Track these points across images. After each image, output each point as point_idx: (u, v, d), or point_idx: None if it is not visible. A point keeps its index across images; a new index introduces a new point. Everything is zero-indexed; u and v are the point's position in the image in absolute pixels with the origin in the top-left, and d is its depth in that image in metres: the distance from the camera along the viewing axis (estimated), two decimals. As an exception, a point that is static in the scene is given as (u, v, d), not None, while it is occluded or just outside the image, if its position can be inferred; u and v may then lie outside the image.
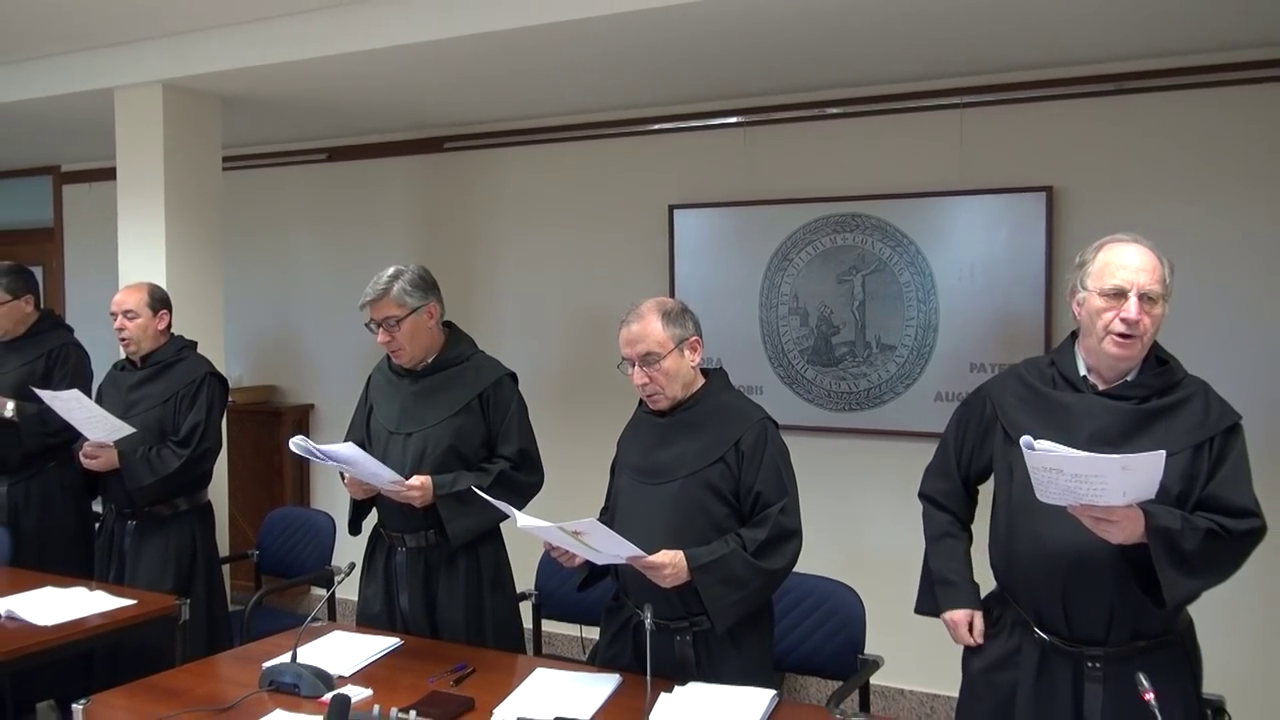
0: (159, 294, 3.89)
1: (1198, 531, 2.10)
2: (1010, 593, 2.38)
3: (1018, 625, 2.35)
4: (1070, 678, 2.25)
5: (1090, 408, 2.25)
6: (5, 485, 4.13)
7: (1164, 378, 2.25)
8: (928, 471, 2.62)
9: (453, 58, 4.03)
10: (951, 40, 3.79)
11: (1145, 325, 2.17)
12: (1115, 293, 2.18)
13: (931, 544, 2.55)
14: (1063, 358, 2.36)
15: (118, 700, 2.50)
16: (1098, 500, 2.02)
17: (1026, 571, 2.30)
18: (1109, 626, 2.21)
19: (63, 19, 4.12)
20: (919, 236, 4.41)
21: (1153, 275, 2.18)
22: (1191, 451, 2.20)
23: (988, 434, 2.44)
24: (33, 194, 7.19)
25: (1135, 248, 2.23)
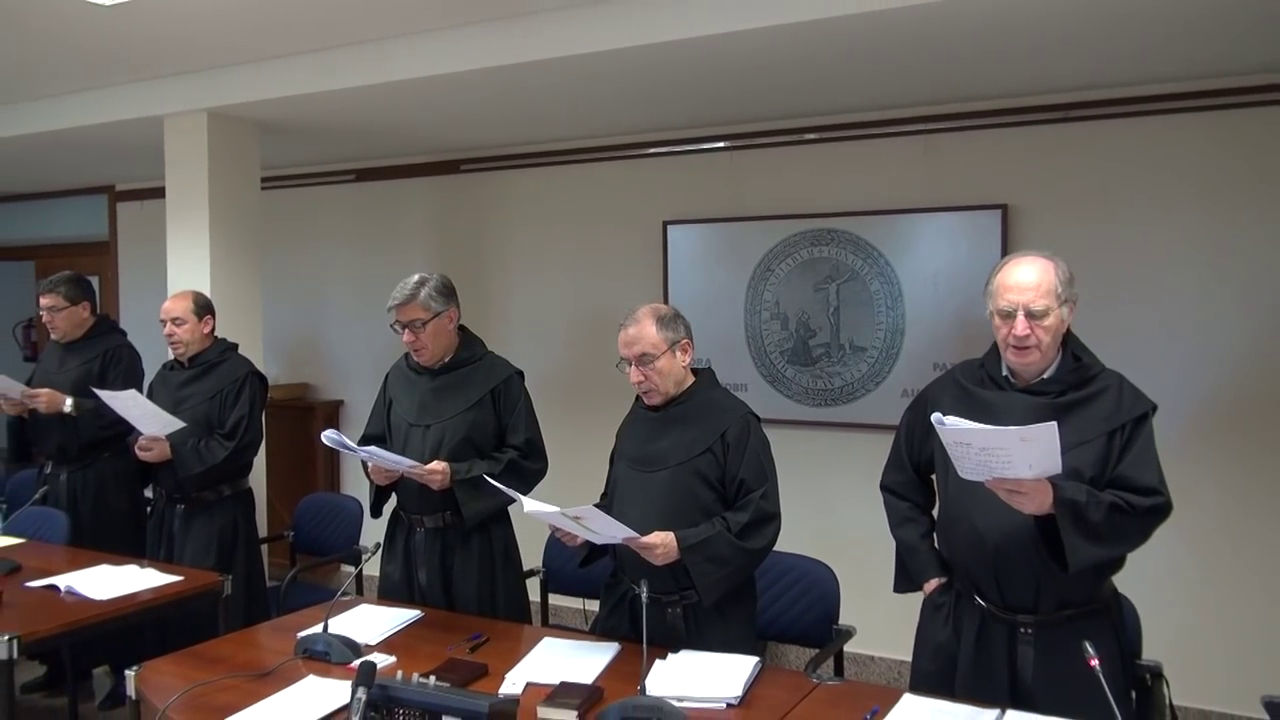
0: (202, 300, 3.89)
1: (1102, 505, 2.13)
2: (954, 568, 2.41)
3: (961, 595, 2.38)
4: (1005, 641, 2.28)
5: (1012, 403, 2.28)
6: (65, 473, 4.11)
7: (1078, 373, 2.28)
8: (886, 466, 2.63)
9: (468, 88, 4.03)
10: (917, 73, 3.80)
11: (1038, 336, 2.21)
12: (1006, 313, 2.23)
13: (896, 528, 2.56)
14: (989, 360, 2.40)
15: (166, 667, 2.49)
16: (1007, 473, 2.06)
17: (964, 551, 2.33)
18: (1037, 597, 2.24)
19: (118, 53, 4.11)
20: (887, 249, 4.41)
21: (1038, 292, 2.20)
22: (1105, 438, 2.22)
23: (930, 431, 2.45)
24: (90, 211, 7.17)
25: (1025, 267, 2.25)
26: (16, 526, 3.78)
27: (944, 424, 2.06)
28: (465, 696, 2.07)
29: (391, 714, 2.06)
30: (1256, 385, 3.83)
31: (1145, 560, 3.95)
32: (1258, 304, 3.82)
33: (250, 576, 3.84)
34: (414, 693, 2.06)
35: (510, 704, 2.10)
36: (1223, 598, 3.87)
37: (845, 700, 2.25)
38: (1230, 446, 3.87)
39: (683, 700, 2.16)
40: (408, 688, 2.08)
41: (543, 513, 2.45)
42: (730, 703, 2.20)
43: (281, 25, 3.72)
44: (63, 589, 3.09)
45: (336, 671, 2.40)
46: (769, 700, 2.24)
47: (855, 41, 3.37)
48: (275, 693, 2.27)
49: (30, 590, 3.10)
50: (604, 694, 2.23)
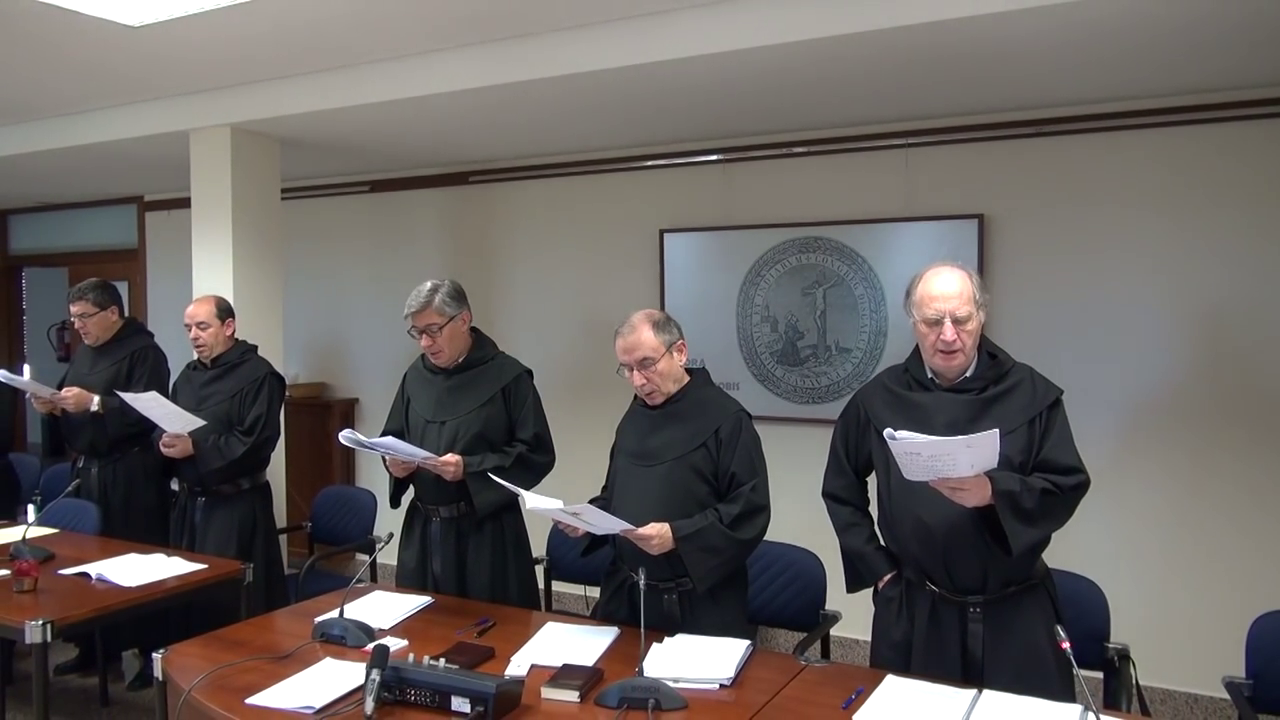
0: (224, 304, 3.88)
1: (1034, 491, 2.17)
2: (903, 559, 2.41)
3: (912, 584, 2.39)
4: (957, 620, 2.30)
5: (940, 402, 2.31)
6: (95, 467, 4.10)
7: (995, 369, 2.31)
8: (826, 473, 2.61)
9: (477, 105, 4.02)
10: (898, 91, 3.80)
11: (962, 339, 2.24)
12: (932, 321, 2.25)
13: (842, 534, 2.54)
14: (914, 365, 2.42)
15: (191, 650, 2.48)
16: (951, 474, 2.09)
17: (912, 543, 2.33)
18: (984, 579, 2.27)
19: (147, 72, 4.11)
20: (871, 256, 4.41)
21: (961, 299, 2.24)
22: (1026, 427, 2.26)
23: (864, 434, 2.49)
24: (120, 220, 7.16)
25: (946, 277, 2.28)
26: (50, 518, 3.77)
27: (895, 438, 2.08)
28: (473, 678, 2.07)
29: (404, 694, 2.06)
30: (1215, 382, 3.83)
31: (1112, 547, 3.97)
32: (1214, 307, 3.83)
33: (269, 565, 3.83)
34: (425, 674, 2.07)
35: (516, 685, 2.10)
36: (1186, 582, 3.87)
37: (832, 681, 2.25)
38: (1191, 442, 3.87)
39: (678, 681, 2.16)
40: (419, 669, 2.08)
41: (545, 509, 2.44)
42: (723, 683, 2.19)
43: (301, 46, 3.72)
44: (94, 576, 3.09)
45: (352, 654, 2.39)
46: (760, 681, 2.24)
47: (840, 61, 3.37)
48: (294, 674, 2.26)
49: (63, 577, 3.10)
50: (604, 675, 2.22)
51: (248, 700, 2.11)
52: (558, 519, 2.55)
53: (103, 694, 3.96)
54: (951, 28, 2.98)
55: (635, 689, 2.07)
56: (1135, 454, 3.95)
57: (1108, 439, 3.94)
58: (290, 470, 4.87)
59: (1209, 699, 3.82)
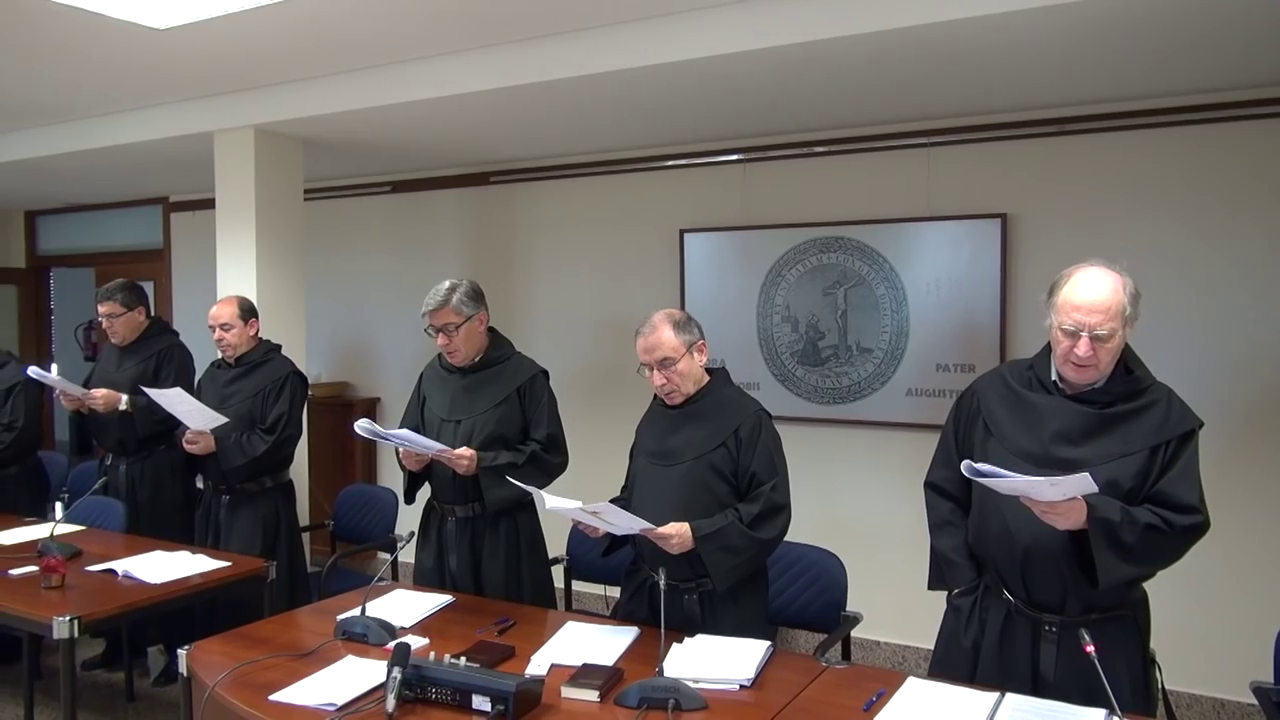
0: (247, 305, 3.91)
1: (1137, 524, 2.02)
2: (983, 561, 2.33)
3: (989, 588, 2.31)
4: (1029, 637, 2.21)
5: (1057, 409, 2.18)
6: (123, 465, 4.14)
7: (1129, 385, 2.16)
8: (933, 462, 2.49)
9: (497, 105, 4.03)
10: (920, 90, 3.77)
11: (1099, 357, 2.07)
12: (1070, 332, 2.08)
13: (934, 531, 2.44)
14: (1040, 363, 2.28)
15: (215, 646, 2.50)
16: (1039, 498, 1.99)
17: (994, 546, 2.25)
18: (1063, 599, 2.16)
19: (173, 74, 4.14)
20: (892, 256, 4.38)
21: (1105, 315, 2.04)
22: (1148, 452, 2.10)
23: (974, 425, 2.36)
24: (146, 220, 7.22)
25: (1095, 283, 2.08)
26: (78, 515, 3.80)
27: (978, 474, 1.96)
28: (494, 676, 2.08)
29: (425, 692, 2.07)
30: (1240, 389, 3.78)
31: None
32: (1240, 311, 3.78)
33: (292, 562, 3.86)
34: (446, 672, 2.07)
35: (536, 684, 2.11)
36: (1212, 587, 3.82)
37: (852, 683, 2.24)
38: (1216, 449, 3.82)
39: (698, 681, 2.15)
40: (440, 668, 2.09)
41: (564, 508, 2.44)
42: (743, 684, 2.19)
43: (324, 48, 3.74)
44: (120, 573, 3.12)
45: (374, 652, 2.40)
46: (780, 682, 2.23)
47: (861, 60, 3.35)
48: (316, 672, 2.27)
49: (90, 574, 3.13)
50: (624, 675, 2.22)
51: (271, 697, 2.13)
52: (577, 519, 2.55)
53: (129, 689, 4.01)
54: (972, 25, 2.95)
55: (655, 689, 2.07)
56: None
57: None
58: (313, 469, 4.90)
59: (1236, 704, 3.77)
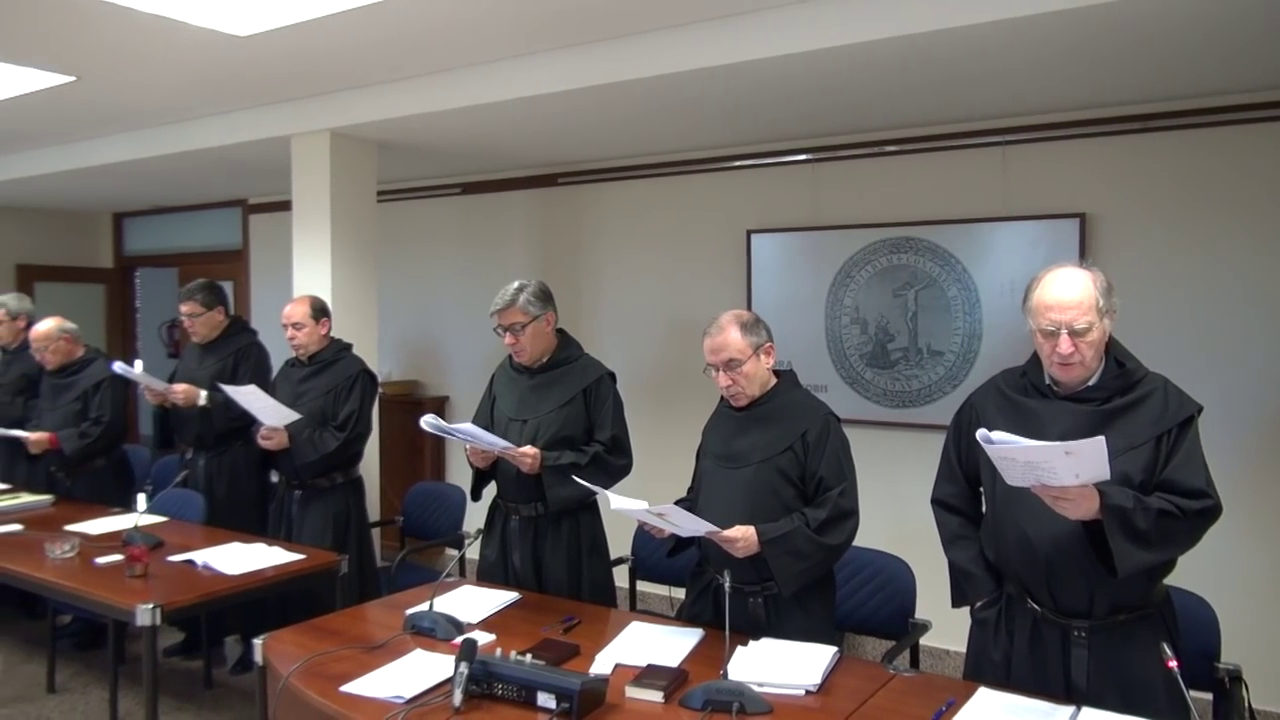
0: (319, 304, 3.99)
1: (1150, 511, 2.01)
2: (1004, 573, 2.30)
3: (1013, 599, 2.27)
4: (1059, 644, 2.18)
5: (1057, 411, 2.17)
6: (202, 460, 4.27)
7: (1123, 379, 2.15)
8: (937, 478, 2.50)
9: (566, 107, 4.06)
10: (994, 86, 3.69)
11: (1081, 352, 2.09)
12: (1048, 332, 2.11)
13: (948, 546, 2.43)
14: (1032, 369, 2.27)
15: (289, 637, 2.56)
16: (1052, 481, 1.96)
17: (1015, 557, 2.22)
18: (1090, 602, 2.14)
19: (252, 80, 4.26)
20: (965, 257, 4.30)
21: (1080, 310, 2.07)
22: (1153, 442, 2.09)
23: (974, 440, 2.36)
24: (226, 222, 7.44)
25: (1064, 282, 2.11)
26: (160, 507, 3.93)
27: (990, 442, 1.96)
28: (559, 674, 2.09)
29: (491, 687, 2.09)
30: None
31: (1224, 563, 3.78)
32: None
33: (362, 557, 3.93)
34: (512, 669, 2.09)
35: (600, 683, 2.12)
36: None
37: (921, 691, 2.20)
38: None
39: (763, 686, 2.14)
40: (506, 664, 2.11)
41: (630, 510, 2.45)
42: (809, 690, 2.16)
43: (397, 52, 3.81)
44: (199, 564, 3.22)
45: (441, 647, 2.44)
46: (846, 689, 2.20)
47: (932, 58, 3.29)
48: (385, 664, 2.31)
49: (171, 564, 3.24)
50: (688, 677, 2.22)
51: (342, 688, 2.17)
52: (643, 519, 2.55)
53: (206, 677, 4.13)
54: (1049, 21, 2.88)
55: (720, 691, 2.06)
56: (1247, 468, 3.75)
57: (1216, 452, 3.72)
58: (383, 465, 4.99)
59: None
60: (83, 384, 4.52)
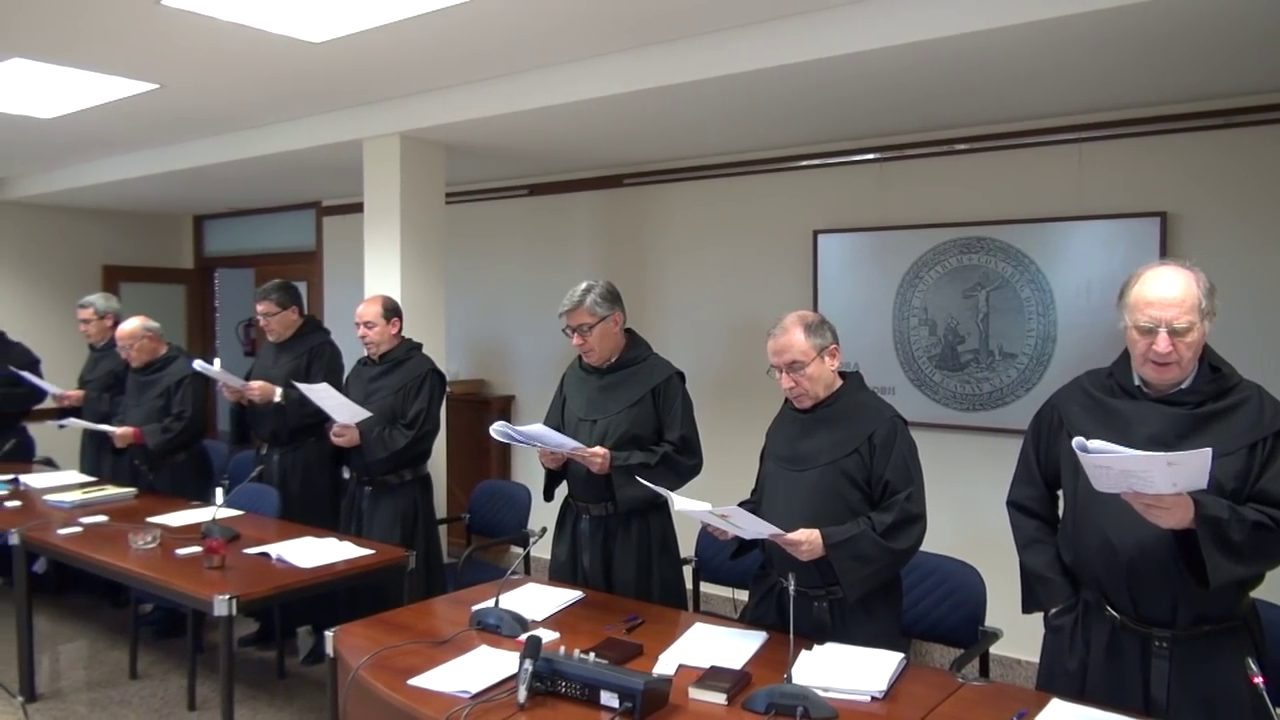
0: (390, 304, 4.07)
1: (1245, 522, 1.93)
2: (1082, 577, 2.23)
3: (1091, 606, 2.20)
4: (1138, 654, 2.10)
5: (1145, 413, 2.09)
6: (276, 455, 4.39)
7: (1218, 383, 2.07)
8: (1014, 480, 2.44)
9: (632, 108, 4.08)
10: (1070, 82, 3.60)
11: (1179, 352, 2.02)
12: (1146, 329, 2.03)
13: (1022, 550, 2.37)
14: (1120, 370, 2.20)
15: (358, 630, 2.61)
16: (1147, 490, 1.89)
17: (1094, 561, 2.15)
18: (1174, 611, 2.06)
19: (326, 85, 4.37)
20: (1039, 257, 4.20)
21: (1182, 308, 2.00)
22: (1245, 451, 2.02)
23: (1057, 439, 2.29)
24: (300, 224, 7.62)
25: (1167, 279, 2.04)
26: (236, 500, 4.05)
27: (1087, 450, 1.88)
28: (622, 674, 2.10)
29: (555, 685, 2.11)
30: None
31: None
32: None
33: (429, 553, 4.00)
34: (576, 667, 2.11)
35: (663, 683, 2.12)
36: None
37: (991, 701, 2.15)
38: None
39: (828, 691, 2.12)
40: (570, 662, 2.12)
41: (693, 511, 2.44)
42: (875, 696, 2.14)
43: (465, 56, 3.87)
44: (274, 557, 3.30)
45: (506, 643, 2.47)
46: (913, 696, 2.17)
47: (1005, 54, 3.22)
48: (451, 659, 2.35)
49: (247, 556, 3.33)
50: (752, 679, 2.21)
51: (409, 681, 2.22)
52: (706, 521, 2.55)
53: (280, 667, 4.24)
54: (1131, 13, 2.80)
55: (784, 695, 2.05)
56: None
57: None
58: (450, 463, 5.06)
59: None
60: (165, 381, 4.68)
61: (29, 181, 6.93)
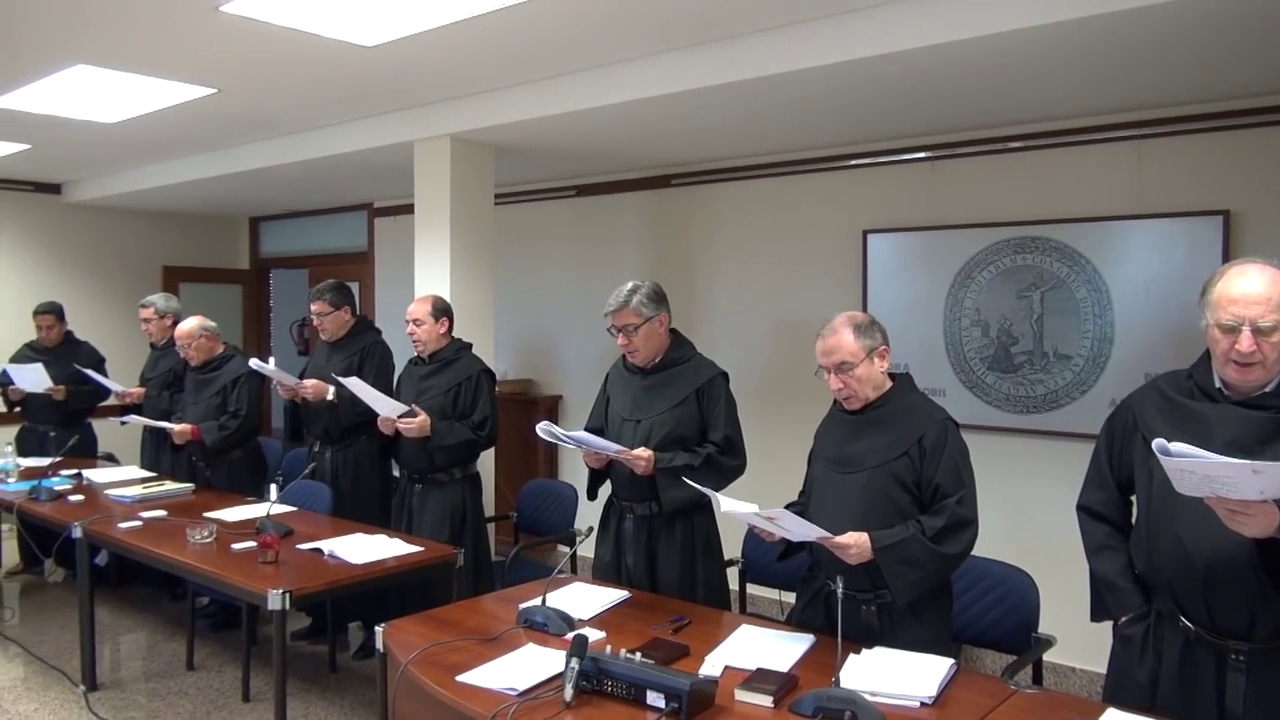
0: (440, 304, 4.11)
1: None
2: (1154, 587, 2.15)
3: (1163, 616, 2.13)
4: (1213, 667, 2.03)
5: (1226, 416, 2.01)
6: (329, 452, 4.46)
7: None
8: (1085, 484, 2.37)
9: (680, 108, 4.07)
10: (1128, 78, 3.52)
11: (1264, 352, 1.94)
12: (1229, 327, 1.96)
13: (1092, 556, 2.31)
14: (1199, 371, 2.12)
15: (408, 626, 2.64)
16: (1232, 495, 1.81)
17: (1168, 568, 2.08)
18: (1251, 623, 1.98)
19: (377, 88, 4.43)
20: (1096, 256, 4.11)
21: (1267, 306, 1.93)
22: None
23: (1131, 442, 2.22)
24: (352, 225, 7.73)
25: (1252, 278, 1.97)
26: (290, 497, 4.12)
27: (1169, 454, 1.81)
28: (668, 674, 2.10)
29: (601, 684, 2.11)
30: None
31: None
32: None
33: (478, 551, 4.03)
34: (622, 666, 2.11)
35: (710, 684, 2.11)
36: None
37: (1044, 709, 2.11)
38: None
39: (876, 695, 2.10)
40: (616, 661, 2.13)
41: (739, 513, 2.43)
42: (925, 701, 2.11)
43: (515, 58, 3.89)
44: (326, 552, 3.35)
45: (553, 642, 2.48)
46: (964, 702, 2.13)
47: (1062, 49, 3.16)
48: (499, 656, 2.37)
49: (300, 552, 3.39)
50: (799, 682, 2.20)
51: (458, 677, 2.23)
52: (752, 523, 2.53)
53: (331, 661, 4.31)
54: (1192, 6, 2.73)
55: (831, 699, 2.03)
56: None
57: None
58: (498, 462, 5.10)
59: None
60: (222, 379, 4.78)
61: (93, 184, 7.14)
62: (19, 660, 4.39)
